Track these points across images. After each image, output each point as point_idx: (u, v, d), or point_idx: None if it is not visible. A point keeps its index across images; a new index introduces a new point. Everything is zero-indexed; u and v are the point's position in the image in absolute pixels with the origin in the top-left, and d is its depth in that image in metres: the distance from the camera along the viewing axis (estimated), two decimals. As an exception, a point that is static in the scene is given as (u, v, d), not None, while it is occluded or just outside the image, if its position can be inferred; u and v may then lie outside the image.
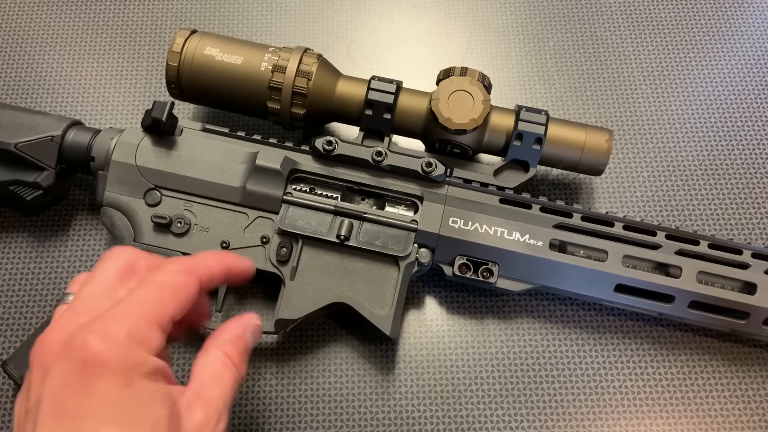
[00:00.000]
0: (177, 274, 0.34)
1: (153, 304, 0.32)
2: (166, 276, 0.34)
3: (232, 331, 0.37)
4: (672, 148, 0.60)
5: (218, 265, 0.37)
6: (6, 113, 0.50)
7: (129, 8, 0.65)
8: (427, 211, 0.49)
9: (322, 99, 0.51)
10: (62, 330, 0.31)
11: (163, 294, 0.33)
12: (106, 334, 0.30)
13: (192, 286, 0.34)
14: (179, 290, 0.34)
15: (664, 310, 0.49)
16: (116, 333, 0.30)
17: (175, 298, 0.33)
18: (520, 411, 0.50)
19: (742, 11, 0.66)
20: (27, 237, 0.55)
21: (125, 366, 0.30)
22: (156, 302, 0.32)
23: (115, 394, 0.29)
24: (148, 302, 0.32)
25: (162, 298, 0.33)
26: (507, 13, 0.66)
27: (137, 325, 0.31)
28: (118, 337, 0.30)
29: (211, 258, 0.37)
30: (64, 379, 0.30)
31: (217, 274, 0.37)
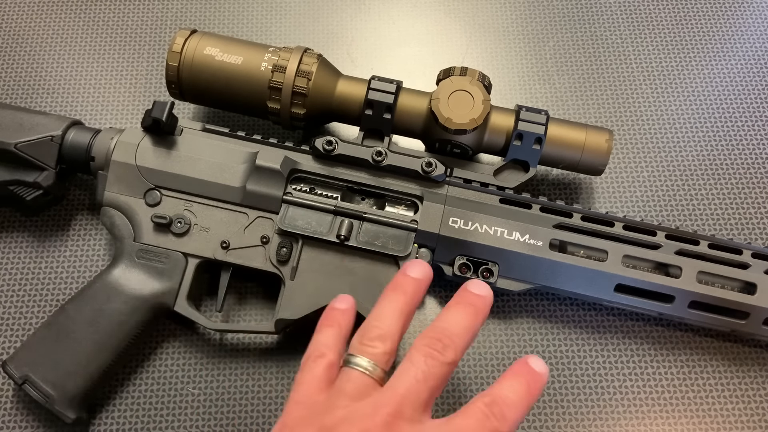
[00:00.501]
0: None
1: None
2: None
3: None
4: (672, 148, 0.60)
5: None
6: (6, 113, 0.50)
7: (129, 8, 0.65)
8: (427, 211, 0.49)
9: (322, 99, 0.51)
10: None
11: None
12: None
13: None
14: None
15: (664, 310, 0.49)
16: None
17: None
18: (520, 411, 0.50)
19: (742, 11, 0.66)
20: (27, 237, 0.55)
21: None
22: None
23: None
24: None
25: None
26: (507, 13, 0.66)
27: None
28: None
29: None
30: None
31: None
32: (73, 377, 0.46)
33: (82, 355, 0.46)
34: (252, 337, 0.52)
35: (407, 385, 0.35)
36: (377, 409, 0.34)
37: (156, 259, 0.49)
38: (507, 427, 0.35)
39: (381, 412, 0.34)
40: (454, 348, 0.37)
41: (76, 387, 0.46)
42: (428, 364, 0.36)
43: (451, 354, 0.37)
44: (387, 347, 0.37)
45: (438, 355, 0.36)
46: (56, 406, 0.45)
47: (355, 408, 0.35)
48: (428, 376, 0.36)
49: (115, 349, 0.47)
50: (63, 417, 0.46)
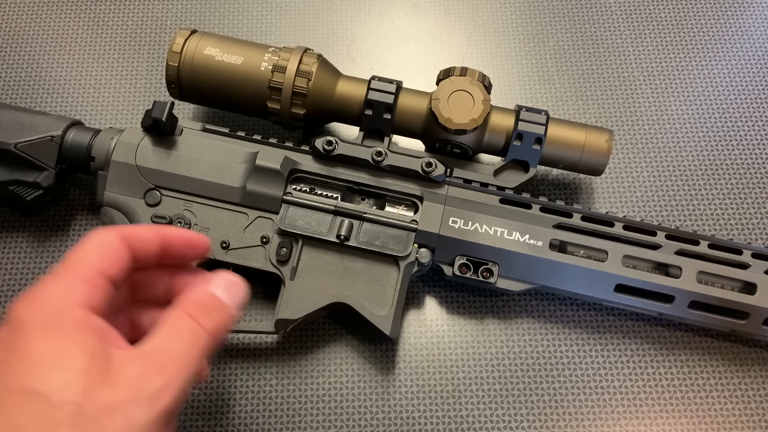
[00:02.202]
0: (98, 233, 0.34)
1: (76, 267, 0.33)
2: (89, 237, 0.34)
3: (194, 289, 0.35)
4: (672, 148, 0.60)
5: (149, 231, 0.36)
6: (6, 113, 0.50)
7: (129, 8, 0.65)
8: (427, 211, 0.49)
9: (322, 99, 0.51)
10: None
11: (86, 252, 0.33)
12: (31, 298, 0.31)
13: (114, 240, 0.34)
14: (102, 245, 0.34)
15: (664, 310, 0.49)
16: (39, 295, 0.31)
17: (99, 253, 0.33)
18: (520, 411, 0.50)
19: (742, 11, 0.66)
20: (27, 237, 0.55)
21: (43, 319, 0.30)
22: (78, 264, 0.33)
23: (32, 347, 0.29)
24: (71, 263, 0.33)
25: (83, 259, 0.33)
26: (507, 13, 0.66)
27: (62, 285, 0.32)
28: (41, 298, 0.31)
29: (143, 226, 0.37)
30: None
31: (148, 237, 0.36)
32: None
33: (82, 355, 0.46)
34: (252, 337, 0.52)
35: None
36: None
37: None
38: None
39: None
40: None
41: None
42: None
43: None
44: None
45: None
46: (56, 406, 0.45)
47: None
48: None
49: (115, 349, 0.47)
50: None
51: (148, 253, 0.36)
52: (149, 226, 0.36)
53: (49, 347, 0.29)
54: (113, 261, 0.33)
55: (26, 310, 0.30)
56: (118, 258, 0.33)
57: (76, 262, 0.33)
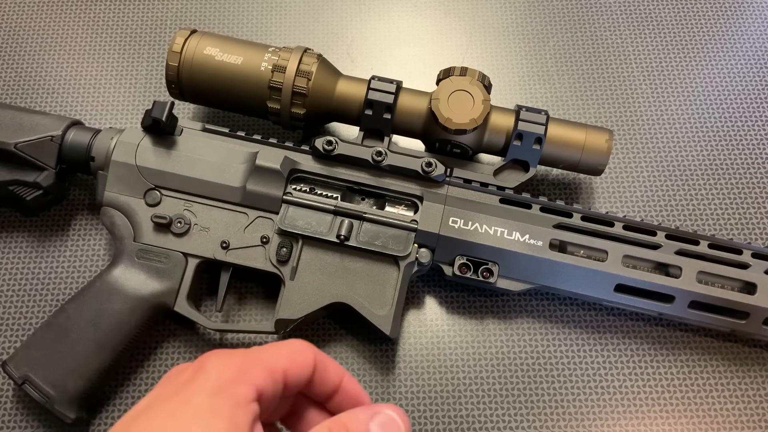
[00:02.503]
0: (298, 342, 0.36)
1: (268, 355, 0.34)
2: (290, 341, 0.36)
3: (351, 414, 0.34)
4: (672, 148, 0.60)
5: (336, 369, 0.36)
6: (6, 113, 0.50)
7: (129, 8, 0.65)
8: (427, 211, 0.49)
9: (322, 99, 0.51)
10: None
11: (281, 349, 0.35)
12: (224, 355, 0.33)
13: (308, 353, 0.35)
14: (296, 351, 0.35)
15: (664, 310, 0.49)
16: (230, 357, 0.33)
17: (290, 356, 0.34)
18: (520, 411, 0.50)
19: (742, 11, 0.66)
20: (27, 237, 0.55)
21: (221, 379, 0.32)
22: (272, 355, 0.34)
23: (198, 397, 0.31)
24: (265, 351, 0.34)
25: (277, 354, 0.34)
26: (507, 13, 0.66)
27: (251, 361, 0.33)
28: (230, 360, 0.33)
29: (334, 363, 0.37)
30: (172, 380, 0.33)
31: (332, 374, 0.36)
32: (73, 377, 0.46)
33: (82, 355, 0.46)
34: (252, 337, 0.52)
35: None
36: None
37: (156, 259, 0.49)
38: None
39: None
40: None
41: (76, 387, 0.46)
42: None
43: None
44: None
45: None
46: (56, 406, 0.45)
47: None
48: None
49: (115, 349, 0.47)
50: (63, 417, 0.46)
51: (323, 385, 0.36)
52: (336, 364, 0.36)
53: (208, 404, 0.31)
54: (299, 370, 0.34)
55: (212, 364, 0.32)
56: (304, 370, 0.34)
57: (271, 353, 0.34)
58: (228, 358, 0.33)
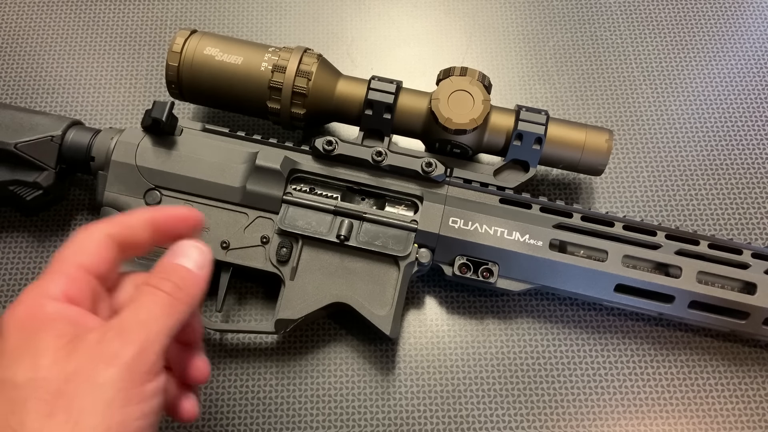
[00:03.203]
0: (82, 230, 0.35)
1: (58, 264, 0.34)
2: (74, 235, 0.35)
3: (160, 264, 0.36)
4: (672, 148, 0.60)
5: (137, 217, 0.36)
6: (6, 113, 0.50)
7: (129, 8, 0.65)
8: (427, 211, 0.49)
9: (322, 99, 0.51)
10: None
11: (67, 249, 0.34)
12: (13, 303, 0.32)
13: (96, 235, 0.35)
14: (84, 241, 0.35)
15: (664, 310, 0.49)
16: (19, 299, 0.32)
17: (80, 249, 0.34)
18: (520, 411, 0.50)
19: (742, 11, 0.66)
20: (27, 237, 0.55)
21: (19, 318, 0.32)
22: (61, 258, 0.34)
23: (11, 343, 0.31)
24: (53, 262, 0.34)
25: (65, 253, 0.34)
26: (507, 13, 0.66)
27: (43, 283, 0.33)
28: (19, 301, 0.32)
29: (131, 213, 0.37)
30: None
31: (136, 223, 0.36)
32: (73, 377, 0.46)
33: (82, 355, 0.46)
34: (252, 337, 0.52)
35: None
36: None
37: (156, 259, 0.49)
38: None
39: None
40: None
41: (76, 387, 0.46)
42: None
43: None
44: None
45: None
46: (56, 406, 0.45)
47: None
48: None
49: (115, 349, 0.47)
50: (63, 417, 0.45)
51: (139, 238, 0.36)
52: (138, 210, 0.37)
53: (21, 339, 0.31)
54: (95, 255, 0.34)
55: (7, 315, 0.32)
56: (101, 252, 0.34)
57: (57, 260, 0.34)
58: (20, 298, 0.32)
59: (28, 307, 0.32)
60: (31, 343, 0.31)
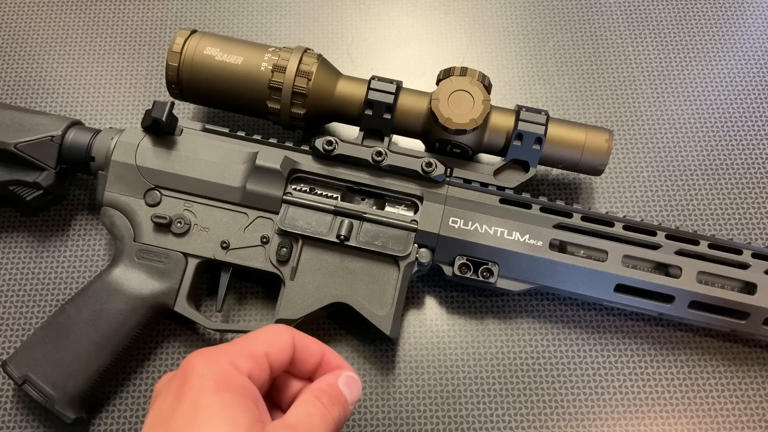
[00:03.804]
0: (276, 327, 0.38)
1: (248, 343, 0.37)
2: (268, 327, 0.39)
3: (322, 380, 0.38)
4: (672, 148, 0.60)
5: (315, 345, 0.39)
6: (6, 113, 0.50)
7: (129, 8, 0.65)
8: (427, 211, 0.49)
9: (322, 99, 0.51)
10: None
11: (260, 335, 0.37)
12: (206, 355, 0.35)
13: (286, 336, 0.38)
14: (276, 335, 0.38)
15: (664, 310, 0.49)
16: (214, 354, 0.35)
17: (270, 340, 0.37)
18: (520, 411, 0.50)
19: (742, 11, 0.66)
20: (27, 237, 0.55)
21: (217, 377, 0.34)
22: (251, 342, 0.37)
23: (203, 398, 0.33)
24: (244, 341, 0.37)
25: (257, 339, 0.37)
26: (507, 13, 0.66)
27: (234, 353, 0.36)
28: (215, 357, 0.35)
29: (311, 339, 0.40)
30: (168, 392, 0.35)
31: (312, 350, 0.39)
32: (73, 377, 0.46)
33: (82, 355, 0.46)
34: (252, 337, 0.52)
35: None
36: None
37: (156, 259, 0.49)
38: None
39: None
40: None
41: (76, 387, 0.46)
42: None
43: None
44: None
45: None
46: (56, 406, 0.45)
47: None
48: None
49: (115, 349, 0.47)
50: (63, 417, 0.46)
51: (305, 363, 0.39)
52: (316, 342, 0.39)
53: (219, 402, 0.33)
54: (279, 351, 0.37)
55: (201, 366, 0.34)
56: (284, 351, 0.37)
57: (250, 340, 0.37)
58: (212, 355, 0.35)
59: (224, 370, 0.34)
60: (227, 410, 0.33)
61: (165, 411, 0.34)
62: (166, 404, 0.34)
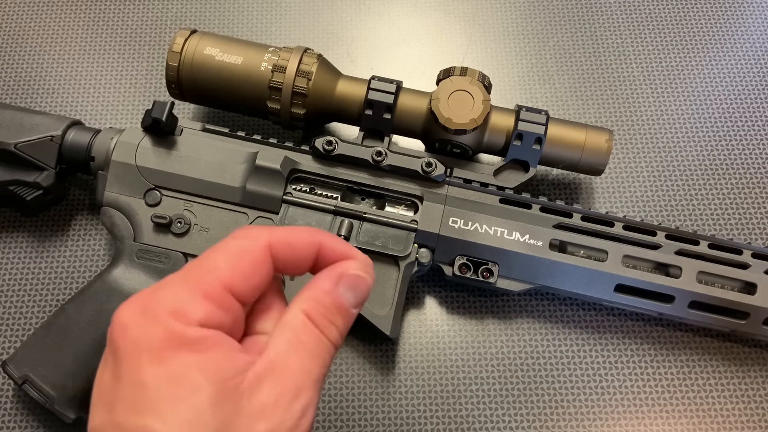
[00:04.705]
0: (242, 235, 0.28)
1: (199, 272, 0.27)
2: (222, 242, 0.28)
3: (315, 286, 0.29)
4: (672, 148, 0.60)
5: (303, 237, 0.29)
6: (6, 113, 0.50)
7: (129, 8, 0.65)
8: (427, 211, 0.49)
9: (322, 99, 0.51)
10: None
11: (218, 258, 0.27)
12: (136, 312, 0.26)
13: (257, 249, 0.28)
14: (240, 254, 0.28)
15: (664, 310, 0.49)
16: (148, 310, 0.26)
17: (233, 263, 0.27)
18: (520, 411, 0.50)
19: (742, 11, 0.66)
20: (27, 237, 0.55)
21: (154, 341, 0.25)
22: (203, 270, 0.27)
23: (144, 374, 0.25)
24: (193, 272, 0.27)
25: (213, 265, 0.27)
26: (507, 13, 0.66)
27: (178, 297, 0.26)
28: (150, 313, 0.26)
29: (294, 229, 0.30)
30: (103, 367, 0.27)
31: (301, 245, 0.29)
32: (73, 377, 0.46)
33: (82, 355, 0.46)
34: (252, 337, 0.51)
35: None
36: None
37: (156, 259, 0.49)
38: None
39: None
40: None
41: (76, 387, 0.46)
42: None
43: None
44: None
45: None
46: (56, 406, 0.45)
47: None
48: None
49: (115, 349, 0.47)
50: (63, 417, 0.45)
51: (298, 264, 0.29)
52: (303, 230, 0.29)
53: (164, 375, 0.24)
54: (248, 273, 0.27)
55: (134, 327, 0.25)
56: (257, 269, 0.28)
57: (202, 269, 0.27)
58: (146, 306, 0.26)
59: (165, 328, 0.25)
60: (179, 383, 0.24)
61: (106, 390, 0.26)
62: (106, 380, 0.26)
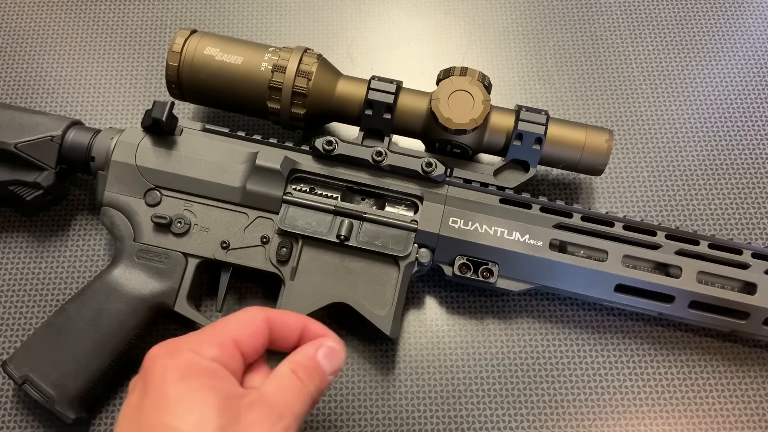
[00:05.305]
0: (248, 310, 0.38)
1: (214, 329, 0.37)
2: (234, 313, 0.38)
3: (300, 352, 0.38)
4: (672, 148, 0.60)
5: (293, 320, 0.39)
6: (6, 113, 0.50)
7: (129, 8, 0.65)
8: (427, 211, 0.49)
9: (322, 99, 0.51)
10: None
11: (229, 322, 0.37)
12: (167, 347, 0.35)
13: (257, 319, 0.37)
14: (245, 321, 0.37)
15: (664, 310, 0.49)
16: (176, 345, 0.35)
17: (240, 327, 0.37)
18: (520, 411, 0.50)
19: (742, 11, 0.66)
20: (27, 237, 0.55)
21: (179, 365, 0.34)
22: (217, 327, 0.37)
23: (168, 388, 0.33)
24: (209, 329, 0.37)
25: (224, 327, 0.37)
26: (507, 13, 0.66)
27: (196, 342, 0.35)
28: (177, 348, 0.35)
29: (287, 312, 0.39)
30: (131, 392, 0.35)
31: (291, 324, 0.38)
32: (73, 377, 0.46)
33: (82, 355, 0.46)
34: (252, 337, 0.52)
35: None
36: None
37: (156, 259, 0.49)
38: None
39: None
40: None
41: (76, 387, 0.46)
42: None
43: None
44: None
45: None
46: (56, 406, 0.45)
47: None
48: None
49: (115, 349, 0.47)
50: (63, 417, 0.46)
51: (287, 340, 0.38)
52: (296, 315, 0.39)
53: (185, 387, 0.33)
54: (250, 336, 0.36)
55: (163, 357, 0.34)
56: (257, 335, 0.37)
57: (217, 328, 0.36)
58: (173, 346, 0.35)
59: (188, 358, 0.34)
60: (194, 394, 0.33)
61: (133, 407, 0.34)
62: (134, 401, 0.34)
